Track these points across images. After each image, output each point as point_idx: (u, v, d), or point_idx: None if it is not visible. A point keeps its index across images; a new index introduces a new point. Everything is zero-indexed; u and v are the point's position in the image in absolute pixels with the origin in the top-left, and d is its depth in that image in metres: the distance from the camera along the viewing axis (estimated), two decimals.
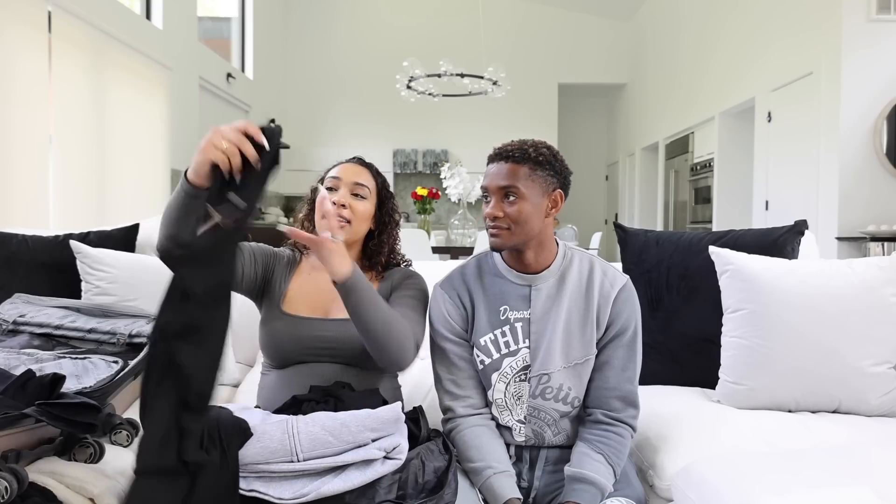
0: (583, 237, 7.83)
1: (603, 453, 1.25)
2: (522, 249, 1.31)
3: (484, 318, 1.33)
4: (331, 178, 1.37)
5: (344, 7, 9.17)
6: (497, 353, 1.32)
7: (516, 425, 1.33)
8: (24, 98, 3.82)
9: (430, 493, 1.11)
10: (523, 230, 1.27)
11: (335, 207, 1.32)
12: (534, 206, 1.26)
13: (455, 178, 5.05)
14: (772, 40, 5.30)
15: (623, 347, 1.32)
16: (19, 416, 1.15)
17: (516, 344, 1.31)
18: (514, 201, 1.26)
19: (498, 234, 1.28)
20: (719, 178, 6.31)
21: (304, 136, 9.04)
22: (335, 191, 1.35)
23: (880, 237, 4.11)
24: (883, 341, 1.50)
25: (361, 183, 1.36)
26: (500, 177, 1.27)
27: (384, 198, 1.43)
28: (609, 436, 1.28)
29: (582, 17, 9.25)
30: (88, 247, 1.87)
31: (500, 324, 1.32)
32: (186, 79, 5.98)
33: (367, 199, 1.37)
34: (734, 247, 1.67)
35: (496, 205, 1.27)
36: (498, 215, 1.27)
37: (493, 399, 1.34)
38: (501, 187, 1.27)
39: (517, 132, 9.29)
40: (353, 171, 1.38)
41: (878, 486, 1.06)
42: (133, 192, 5.03)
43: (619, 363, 1.31)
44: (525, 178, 1.26)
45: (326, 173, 1.41)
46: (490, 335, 1.33)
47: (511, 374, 1.32)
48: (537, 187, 1.27)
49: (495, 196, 1.28)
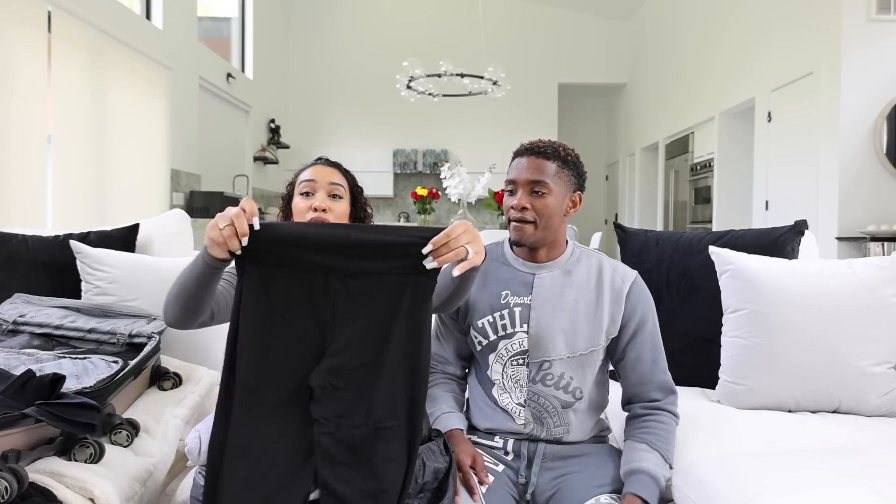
0: (583, 237, 7.83)
1: (646, 441, 1.27)
2: (539, 246, 1.35)
3: (484, 300, 1.38)
4: (305, 183, 1.35)
5: (344, 7, 9.17)
6: (494, 334, 1.37)
7: (516, 408, 1.36)
8: (24, 98, 3.82)
9: (431, 496, 1.11)
10: (547, 225, 1.32)
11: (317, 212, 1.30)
12: (558, 203, 1.32)
13: (455, 178, 5.05)
14: (772, 40, 5.30)
15: (648, 340, 1.35)
16: (19, 416, 1.15)
17: (513, 327, 1.35)
18: (542, 195, 1.30)
19: (522, 228, 1.32)
20: (719, 178, 6.31)
21: (304, 136, 9.05)
22: (312, 195, 1.34)
23: (880, 237, 4.11)
24: (883, 341, 1.50)
25: (336, 182, 1.36)
26: (531, 171, 1.31)
27: (356, 194, 1.42)
28: (649, 424, 1.30)
29: (582, 17, 9.24)
30: (88, 247, 1.87)
31: (500, 307, 1.36)
32: (186, 79, 5.98)
33: (344, 198, 1.37)
34: (734, 247, 1.67)
35: (524, 197, 1.31)
36: (526, 206, 1.31)
37: (492, 380, 1.38)
38: (531, 181, 1.31)
39: (517, 132, 9.35)
40: (326, 173, 1.37)
41: (878, 486, 1.06)
42: (133, 192, 5.03)
43: (648, 356, 1.35)
44: (553, 174, 1.31)
45: (297, 178, 1.39)
46: (489, 317, 1.37)
47: (507, 357, 1.36)
48: (563, 185, 1.32)
49: (523, 189, 1.32)
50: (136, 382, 1.53)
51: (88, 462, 1.22)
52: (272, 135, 8.44)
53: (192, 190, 5.99)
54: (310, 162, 1.41)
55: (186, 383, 1.66)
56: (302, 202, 1.34)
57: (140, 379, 1.55)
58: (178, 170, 5.75)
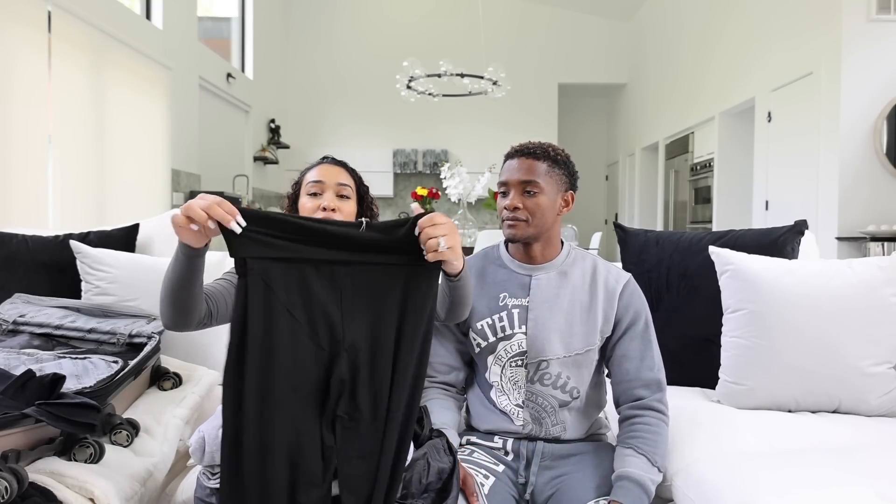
0: (583, 237, 7.83)
1: (632, 447, 1.28)
2: (531, 242, 1.37)
3: (483, 303, 1.39)
4: (313, 184, 1.34)
5: (344, 7, 9.17)
6: (493, 336, 1.38)
7: (514, 409, 1.37)
8: (24, 98, 3.81)
9: (435, 496, 1.11)
10: (539, 223, 1.34)
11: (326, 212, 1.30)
12: (550, 202, 1.34)
13: (455, 178, 5.05)
14: (772, 40, 5.30)
15: (637, 339, 1.36)
16: (19, 416, 1.15)
17: (511, 329, 1.37)
18: (533, 195, 1.33)
19: (515, 226, 1.35)
20: (719, 178, 6.31)
21: (304, 136, 9.04)
22: (320, 195, 1.33)
23: (880, 237, 4.11)
24: (883, 341, 1.50)
25: (344, 183, 1.35)
26: (521, 171, 1.34)
27: (363, 192, 1.42)
28: (636, 427, 1.31)
29: (582, 16, 9.24)
30: (88, 247, 1.87)
31: (498, 309, 1.38)
32: (186, 79, 5.98)
33: (351, 197, 1.36)
34: (734, 247, 1.68)
35: (516, 197, 1.34)
36: (518, 206, 1.33)
37: (490, 382, 1.39)
38: (522, 181, 1.34)
39: (517, 132, 9.34)
40: (333, 173, 1.36)
41: (879, 486, 1.06)
42: (133, 192, 5.03)
43: (636, 354, 1.35)
44: (544, 174, 1.34)
45: (302, 178, 1.39)
46: (488, 319, 1.38)
47: (506, 358, 1.37)
48: (554, 184, 1.35)
49: (515, 190, 1.35)
50: (136, 382, 1.53)
51: (88, 462, 1.22)
52: (272, 135, 8.44)
53: (192, 190, 5.99)
54: (316, 161, 1.41)
55: (186, 383, 1.66)
56: (309, 202, 1.33)
57: (140, 379, 1.55)
58: (178, 170, 5.75)
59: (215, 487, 1.09)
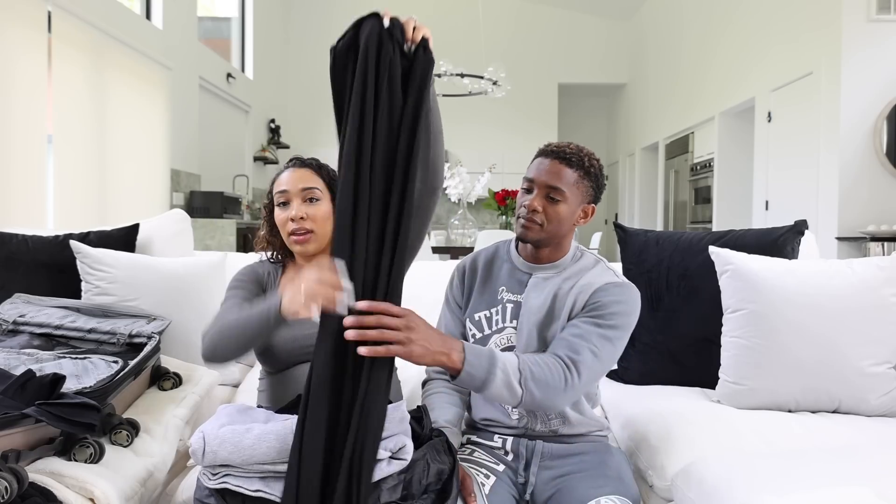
0: (583, 237, 7.84)
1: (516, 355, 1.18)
2: (540, 246, 1.36)
3: (484, 296, 1.40)
4: (279, 193, 1.34)
5: (344, 7, 9.15)
6: (488, 328, 1.39)
7: None
8: (24, 98, 3.82)
9: (435, 497, 1.11)
10: (553, 230, 1.32)
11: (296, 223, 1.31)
12: (570, 212, 1.31)
13: (455, 178, 5.04)
14: (772, 41, 5.30)
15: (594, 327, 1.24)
16: (19, 416, 1.15)
17: (503, 323, 1.37)
18: (556, 202, 1.30)
19: (529, 227, 1.32)
20: (719, 178, 6.31)
21: (304, 136, 9.05)
22: (287, 205, 1.33)
23: (880, 237, 4.11)
24: (883, 341, 1.50)
25: (309, 186, 1.34)
26: (550, 175, 1.30)
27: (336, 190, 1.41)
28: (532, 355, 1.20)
29: (582, 16, 9.25)
30: (88, 247, 1.87)
31: (495, 303, 1.39)
32: (186, 79, 5.98)
33: (322, 198, 1.35)
34: (734, 247, 1.67)
35: (538, 199, 1.31)
36: (537, 209, 1.30)
37: None
38: (549, 185, 1.30)
39: (517, 132, 9.32)
40: (297, 178, 1.35)
41: (879, 486, 1.05)
42: (133, 192, 5.03)
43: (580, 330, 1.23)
44: (572, 183, 1.30)
45: (272, 186, 1.38)
46: (485, 312, 1.40)
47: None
48: (579, 195, 1.32)
49: (539, 190, 1.31)
50: (136, 382, 1.53)
51: (88, 462, 1.22)
52: (272, 135, 8.44)
53: (192, 190, 5.99)
54: (282, 167, 1.40)
55: (186, 383, 1.66)
56: (280, 213, 1.34)
57: (140, 379, 1.55)
58: (178, 170, 5.75)
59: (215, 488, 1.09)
